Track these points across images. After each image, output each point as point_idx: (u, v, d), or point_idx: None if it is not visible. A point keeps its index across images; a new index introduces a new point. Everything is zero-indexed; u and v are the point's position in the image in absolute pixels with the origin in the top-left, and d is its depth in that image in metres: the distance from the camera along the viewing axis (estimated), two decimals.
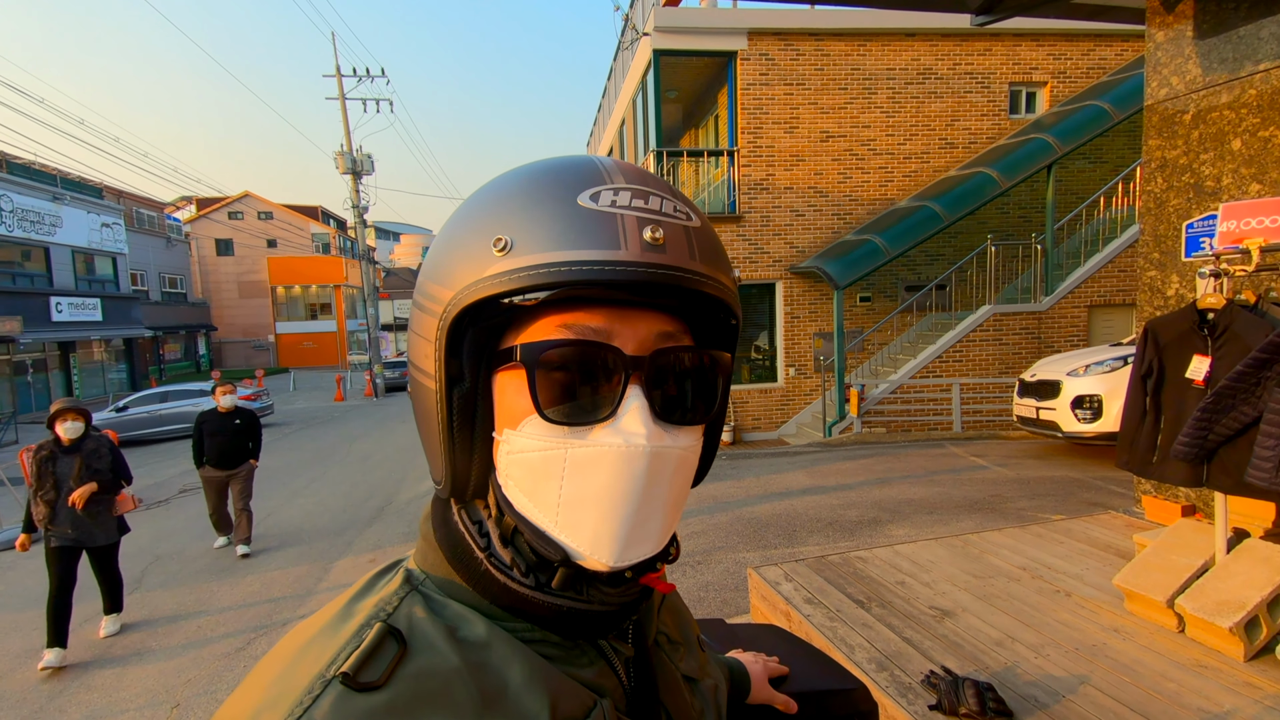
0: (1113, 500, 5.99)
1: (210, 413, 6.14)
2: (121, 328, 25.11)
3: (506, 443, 0.48)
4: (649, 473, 0.46)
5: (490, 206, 0.49)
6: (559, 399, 0.46)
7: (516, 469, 0.48)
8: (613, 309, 0.47)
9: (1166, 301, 3.87)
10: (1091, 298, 10.91)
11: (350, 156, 21.44)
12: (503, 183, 0.51)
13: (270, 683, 0.43)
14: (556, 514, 0.47)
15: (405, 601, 0.48)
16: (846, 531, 5.71)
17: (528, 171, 0.50)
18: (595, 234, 0.45)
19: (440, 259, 0.50)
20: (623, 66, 14.34)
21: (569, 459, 0.46)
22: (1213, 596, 2.59)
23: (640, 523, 0.47)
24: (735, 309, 0.52)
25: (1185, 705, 2.25)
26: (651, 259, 0.45)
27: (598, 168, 0.49)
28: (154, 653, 4.35)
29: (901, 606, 3.15)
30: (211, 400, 19.39)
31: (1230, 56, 3.51)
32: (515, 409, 0.48)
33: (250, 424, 6.20)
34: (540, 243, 0.45)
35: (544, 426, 0.46)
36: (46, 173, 22.77)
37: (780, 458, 9.27)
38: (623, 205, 0.46)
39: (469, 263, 0.47)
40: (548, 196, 0.47)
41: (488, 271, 0.45)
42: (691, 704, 0.61)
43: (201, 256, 38.59)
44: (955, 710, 2.26)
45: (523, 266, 0.44)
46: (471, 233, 0.48)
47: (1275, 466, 2.30)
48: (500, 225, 0.46)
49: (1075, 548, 3.74)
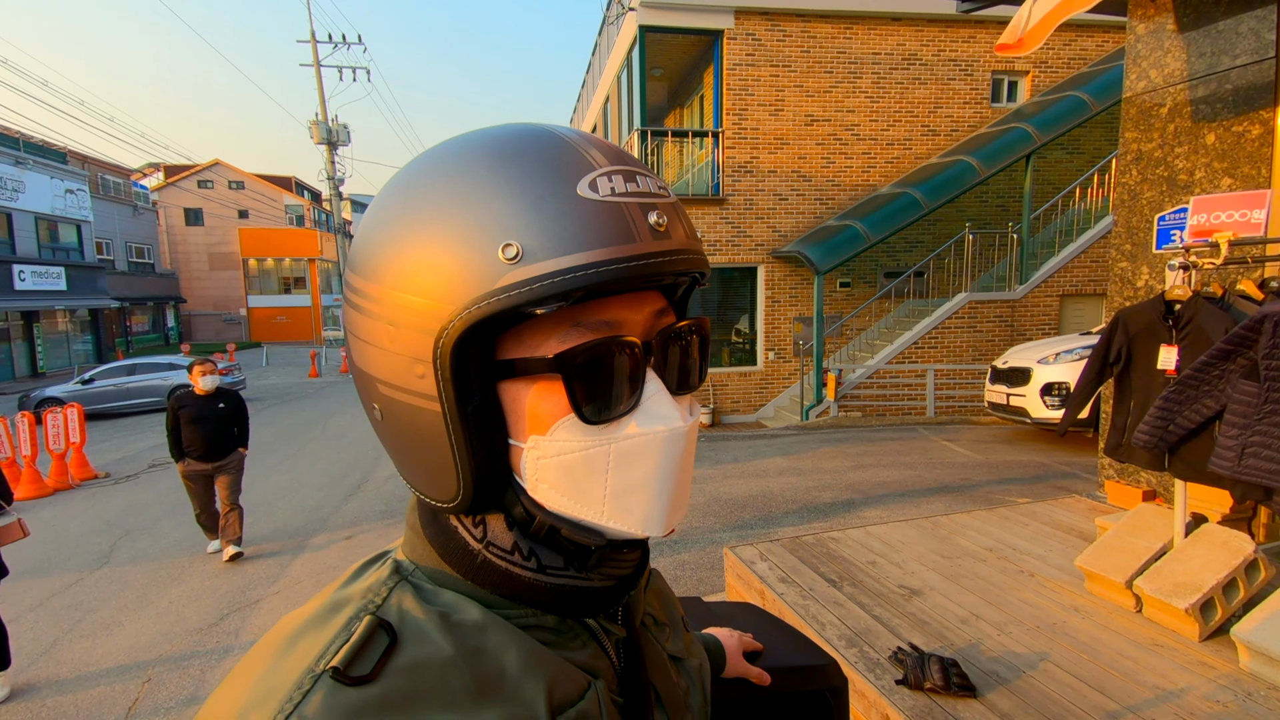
0: (1078, 485, 6.16)
1: (187, 395, 5.22)
2: (87, 298, 24.40)
3: (536, 449, 0.46)
4: (686, 449, 0.48)
5: (479, 204, 0.44)
6: (593, 398, 0.45)
7: (551, 473, 0.46)
8: (618, 297, 0.47)
9: (1136, 292, 3.96)
10: (1064, 287, 11.11)
11: (325, 126, 20.94)
12: (477, 171, 0.45)
13: (258, 678, 0.42)
14: (603, 505, 0.47)
15: (394, 592, 0.47)
16: (821, 513, 5.81)
17: (501, 156, 0.45)
18: (608, 230, 0.43)
19: (420, 266, 0.44)
20: (608, 42, 14.13)
21: (613, 453, 0.46)
22: (1170, 579, 2.69)
23: (680, 492, 0.49)
24: (708, 272, 0.53)
25: (1141, 682, 2.34)
26: (662, 247, 0.45)
27: (577, 150, 0.46)
28: (124, 627, 4.30)
29: (872, 585, 3.22)
30: (185, 377, 18.70)
31: (1209, 51, 3.56)
32: (540, 414, 0.46)
33: (236, 407, 5.39)
34: (554, 246, 0.42)
35: (581, 427, 0.45)
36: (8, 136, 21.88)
37: (758, 440, 9.37)
38: (621, 193, 0.45)
39: (470, 273, 0.42)
40: (547, 191, 0.44)
41: (501, 283, 0.42)
42: (678, 683, 0.62)
43: (170, 226, 37.49)
44: (921, 685, 2.33)
45: (543, 275, 0.42)
46: (463, 238, 0.43)
47: (1238, 455, 2.38)
48: (502, 230, 0.43)
49: (1039, 530, 3.85)
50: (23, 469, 7.95)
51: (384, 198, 0.49)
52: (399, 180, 0.49)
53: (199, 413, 5.17)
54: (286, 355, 29.83)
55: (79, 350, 25.33)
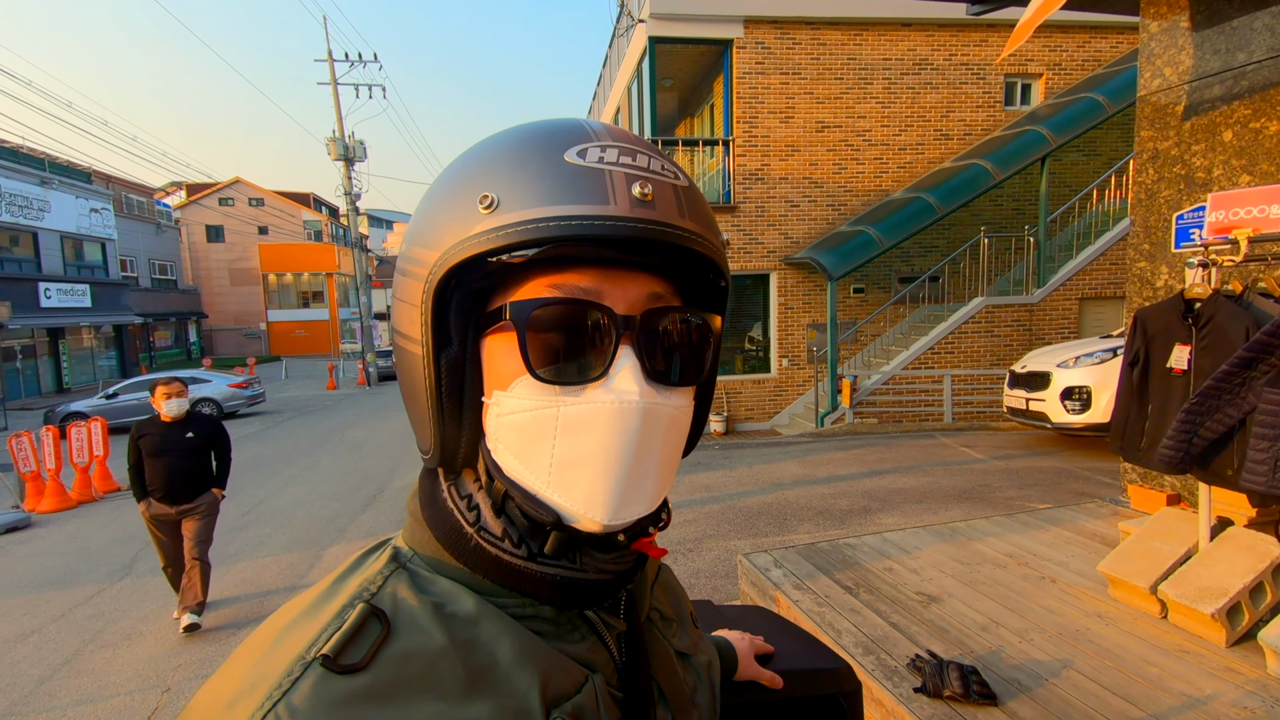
0: (1100, 490, 6.05)
1: (150, 423, 4.25)
2: (111, 314, 24.89)
3: (496, 405, 0.47)
4: (642, 430, 0.45)
5: (475, 166, 0.48)
6: (550, 358, 0.45)
7: (506, 431, 0.47)
8: (602, 269, 0.47)
9: (1155, 293, 3.89)
10: (1083, 290, 10.96)
11: (342, 143, 21.25)
12: (487, 143, 0.50)
13: (250, 665, 0.42)
14: (549, 475, 0.46)
15: (390, 580, 0.47)
16: (837, 520, 5.75)
17: (512, 132, 0.50)
18: (583, 189, 0.44)
19: (424, 222, 0.49)
20: (618, 54, 14.24)
21: (561, 418, 0.45)
22: (1195, 583, 2.62)
23: (634, 482, 0.46)
24: (725, 270, 0.52)
25: (1167, 689, 2.28)
26: (641, 214, 0.44)
27: (584, 128, 0.48)
28: (144, 637, 4.35)
29: (889, 592, 3.18)
30: (208, 390, 18.75)
31: (1223, 48, 3.52)
32: (505, 370, 0.47)
33: (211, 436, 4.40)
34: (527, 199, 0.44)
35: (535, 386, 0.46)
36: (34, 156, 22.47)
37: (772, 448, 9.31)
38: (610, 161, 0.46)
39: (454, 222, 0.46)
40: (534, 154, 0.46)
41: (474, 230, 0.45)
42: (685, 679, 0.61)
43: (192, 243, 38.21)
44: (939, 693, 2.28)
45: (510, 223, 0.44)
46: (456, 192, 0.47)
47: (1271, 469, 2.28)
48: (485, 183, 0.46)
49: (1061, 535, 3.78)
50: (47, 482, 8.10)
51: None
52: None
53: (163, 444, 4.21)
54: (305, 368, 30.19)
55: (104, 366, 25.82)
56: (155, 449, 4.21)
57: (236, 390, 15.66)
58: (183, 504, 4.27)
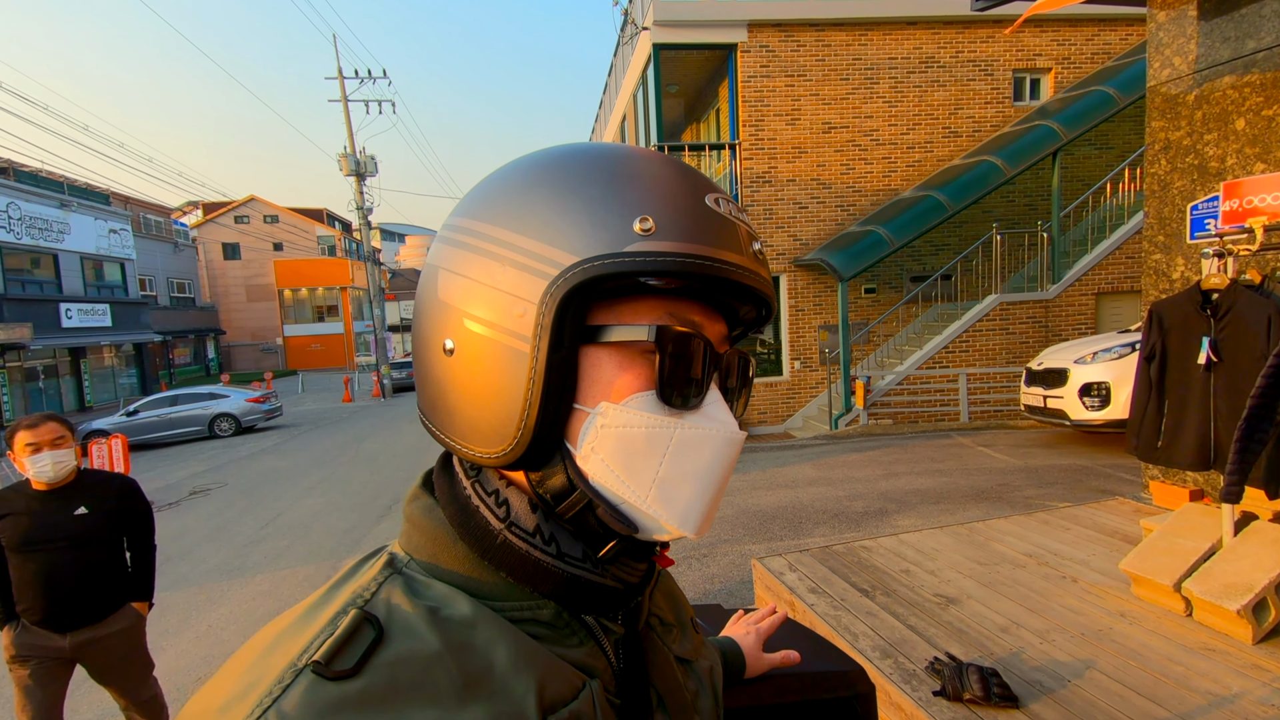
0: (1121, 487, 5.95)
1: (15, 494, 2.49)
2: (131, 333, 25.29)
3: (604, 415, 0.47)
4: (734, 458, 0.51)
5: (624, 182, 0.48)
6: (675, 381, 0.48)
7: (610, 442, 0.47)
8: (702, 306, 0.52)
9: (1172, 285, 3.83)
10: (1099, 285, 10.83)
11: (354, 158, 21.50)
12: (624, 159, 0.50)
13: (243, 672, 0.42)
14: (650, 489, 0.48)
15: (384, 586, 0.47)
16: (852, 523, 5.70)
17: (650, 157, 0.52)
18: (725, 237, 0.48)
19: (552, 217, 0.47)
20: (623, 62, 14.31)
21: (675, 439, 0.48)
22: (1220, 579, 2.57)
23: (718, 496, 0.51)
24: (770, 320, 0.59)
25: (1193, 688, 2.24)
26: (759, 269, 0.50)
27: (700, 174, 0.52)
28: (165, 651, 4.39)
29: (906, 594, 3.14)
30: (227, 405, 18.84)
31: (1233, 35, 3.47)
32: (619, 384, 0.48)
33: (121, 510, 2.63)
34: (681, 232, 0.46)
35: (655, 404, 0.48)
36: (53, 180, 22.93)
37: (786, 451, 9.25)
38: (734, 215, 0.50)
39: (602, 231, 0.46)
40: (682, 189, 0.49)
41: (629, 248, 0.45)
42: (685, 685, 0.61)
43: (209, 261, 38.81)
44: (959, 696, 2.25)
45: (668, 253, 0.46)
46: (604, 202, 0.47)
47: None
48: (641, 205, 0.47)
49: (1081, 534, 3.72)
50: None
51: (517, 162, 0.54)
52: (534, 154, 0.54)
53: (37, 529, 2.43)
54: (321, 381, 30.48)
55: (124, 384, 26.21)
56: (24, 538, 2.42)
57: (254, 405, 15.85)
58: (76, 630, 2.48)
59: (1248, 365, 2.55)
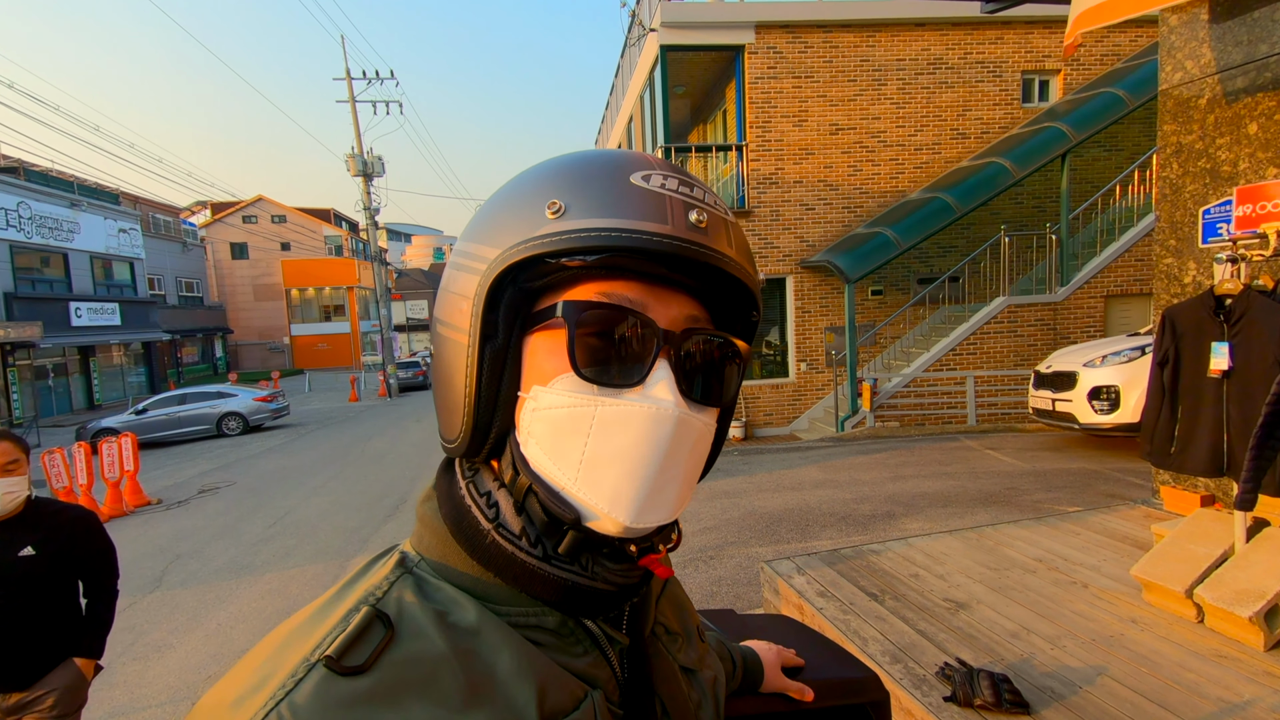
0: (1131, 492, 5.92)
1: None
2: (140, 331, 25.44)
3: (534, 399, 0.49)
4: (673, 438, 0.47)
5: (545, 177, 0.51)
6: (594, 359, 0.48)
7: (541, 425, 0.48)
8: (649, 285, 0.50)
9: (1184, 289, 3.82)
10: (1108, 287, 10.77)
11: (361, 159, 21.57)
12: (558, 160, 0.53)
13: (257, 667, 0.43)
14: (578, 471, 0.47)
15: (396, 585, 0.48)
16: (860, 526, 5.68)
17: (582, 153, 0.54)
18: (645, 208, 0.47)
19: (488, 222, 0.51)
20: (630, 63, 14.31)
21: (597, 416, 0.47)
22: (1232, 586, 2.56)
23: (658, 488, 0.47)
24: (759, 304, 0.56)
25: (1204, 695, 2.23)
26: (695, 238, 0.48)
27: (644, 158, 0.52)
28: (174, 649, 4.42)
29: (915, 599, 3.13)
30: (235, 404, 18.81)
31: (1245, 39, 3.45)
32: (547, 367, 0.49)
33: (71, 548, 2.18)
34: (593, 209, 0.47)
35: (576, 384, 0.47)
36: (64, 179, 23.09)
37: (793, 453, 9.24)
38: (670, 189, 0.49)
39: (520, 223, 0.48)
40: (602, 172, 0.50)
41: (539, 231, 0.47)
42: (689, 695, 0.61)
43: (217, 260, 39.01)
44: (970, 702, 2.25)
45: (575, 229, 0.46)
46: (524, 196, 0.50)
47: None
48: (554, 191, 0.49)
49: (1092, 539, 3.70)
50: (79, 497, 8.27)
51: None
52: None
53: None
54: (328, 381, 30.59)
55: (133, 382, 26.38)
56: None
57: (262, 404, 15.93)
58: (12, 688, 2.09)
59: (1261, 371, 2.54)
